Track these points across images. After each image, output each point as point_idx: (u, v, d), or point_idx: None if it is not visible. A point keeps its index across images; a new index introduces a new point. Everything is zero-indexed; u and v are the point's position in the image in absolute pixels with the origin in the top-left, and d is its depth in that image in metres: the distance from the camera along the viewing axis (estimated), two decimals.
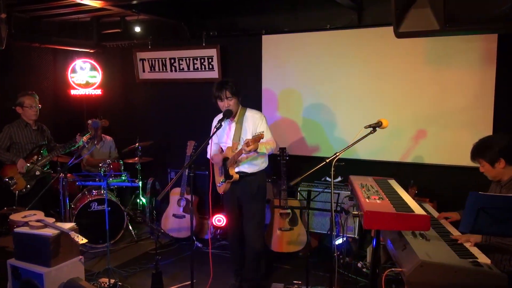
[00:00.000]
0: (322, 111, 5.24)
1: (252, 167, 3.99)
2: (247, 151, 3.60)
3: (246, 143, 3.57)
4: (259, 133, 3.54)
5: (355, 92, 5.05)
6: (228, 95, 3.84)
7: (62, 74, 6.58)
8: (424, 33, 2.89)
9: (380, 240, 2.92)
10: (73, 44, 6.28)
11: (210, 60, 5.78)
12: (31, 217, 3.83)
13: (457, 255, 2.59)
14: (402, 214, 2.58)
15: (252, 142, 3.56)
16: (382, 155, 4.97)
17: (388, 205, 2.74)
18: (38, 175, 4.81)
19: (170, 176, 5.87)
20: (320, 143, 5.31)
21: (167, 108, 6.43)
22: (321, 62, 5.18)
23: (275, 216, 4.87)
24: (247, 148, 3.58)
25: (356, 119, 5.02)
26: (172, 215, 5.45)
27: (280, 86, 5.47)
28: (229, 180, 3.96)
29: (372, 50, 4.91)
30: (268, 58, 5.49)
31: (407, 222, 2.56)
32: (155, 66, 6.27)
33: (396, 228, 2.79)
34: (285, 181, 4.77)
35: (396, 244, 2.84)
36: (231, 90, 3.84)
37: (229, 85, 3.85)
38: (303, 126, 5.39)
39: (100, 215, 5.01)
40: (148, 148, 6.00)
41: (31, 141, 4.85)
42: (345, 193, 4.68)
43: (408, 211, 2.64)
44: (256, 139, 3.55)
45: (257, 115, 3.99)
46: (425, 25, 2.75)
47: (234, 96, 3.87)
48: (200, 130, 4.81)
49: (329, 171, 2.99)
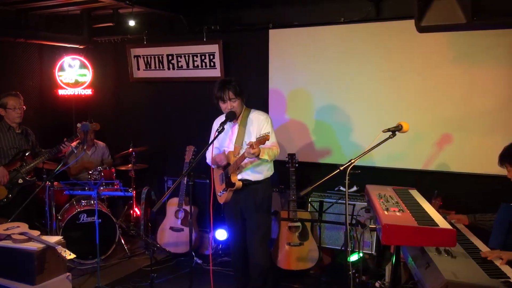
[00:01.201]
0: (335, 113, 5.23)
1: (257, 174, 3.99)
2: (251, 154, 3.59)
3: (250, 146, 3.56)
4: (265, 134, 3.52)
5: (372, 93, 5.04)
6: (231, 96, 3.84)
7: (49, 72, 6.61)
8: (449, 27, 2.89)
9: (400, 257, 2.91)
10: (61, 39, 6.31)
11: (212, 57, 5.80)
12: (14, 230, 3.84)
13: (487, 274, 2.56)
14: (425, 228, 2.56)
15: (256, 144, 3.54)
16: (403, 162, 4.95)
17: (409, 218, 2.72)
18: (21, 183, 4.82)
19: (167, 185, 5.87)
20: (333, 148, 5.29)
21: (164, 109, 6.44)
22: (335, 59, 5.18)
23: (283, 229, 4.85)
24: (252, 151, 3.56)
25: (373, 122, 5.01)
26: (169, 228, 5.44)
27: (288, 85, 5.47)
28: (231, 189, 3.95)
29: (391, 46, 4.89)
30: (275, 55, 5.49)
31: (431, 237, 2.54)
32: (151, 64, 6.29)
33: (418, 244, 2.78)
34: (294, 190, 4.75)
35: (418, 262, 2.82)
36: (234, 90, 3.84)
37: (232, 85, 3.84)
38: (314, 130, 5.38)
39: (90, 227, 5.00)
40: (143, 154, 6.00)
41: (14, 146, 4.86)
42: (361, 205, 4.66)
43: (431, 224, 2.62)
44: (261, 141, 3.53)
45: (262, 116, 3.99)
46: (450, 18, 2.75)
47: (238, 97, 3.87)
48: (200, 134, 4.81)
49: (343, 179, 2.97)
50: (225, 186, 4.03)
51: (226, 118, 3.82)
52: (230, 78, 3.99)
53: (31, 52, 6.48)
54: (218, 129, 3.72)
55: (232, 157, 3.94)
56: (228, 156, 4.01)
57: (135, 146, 5.82)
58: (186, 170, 5.08)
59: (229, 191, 3.98)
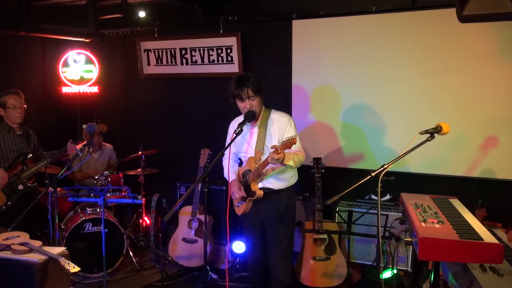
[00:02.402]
0: (366, 113, 5.20)
1: (280, 182, 3.97)
2: (275, 160, 3.57)
3: (275, 150, 3.54)
4: (291, 137, 3.50)
5: (407, 90, 5.00)
6: (250, 94, 3.84)
7: (52, 68, 6.71)
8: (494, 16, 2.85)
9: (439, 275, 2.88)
10: (65, 32, 6.38)
11: (229, 50, 5.82)
12: (13, 240, 3.89)
13: None
14: (468, 242, 2.54)
15: (281, 148, 3.53)
16: (442, 168, 4.91)
17: (449, 230, 2.70)
18: (22, 189, 4.89)
19: (179, 191, 5.90)
20: (363, 152, 5.26)
21: (176, 109, 6.49)
22: (365, 53, 5.15)
23: (307, 242, 4.84)
24: (276, 157, 3.54)
25: (409, 124, 4.97)
26: (181, 239, 5.47)
27: (313, 83, 5.45)
28: (251, 198, 3.94)
29: (429, 38, 4.84)
30: (299, 49, 5.49)
31: (474, 252, 2.52)
32: (163, 58, 6.34)
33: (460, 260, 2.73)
34: (320, 199, 4.74)
35: (459, 280, 2.79)
36: (253, 87, 3.83)
37: (251, 81, 3.84)
38: (342, 132, 5.36)
39: (96, 238, 5.05)
40: (154, 158, 6.05)
41: (14, 149, 4.93)
42: (395, 215, 4.63)
43: (475, 238, 2.60)
44: (287, 145, 3.51)
45: (285, 118, 3.98)
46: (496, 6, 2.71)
47: (258, 95, 3.87)
48: (216, 136, 4.82)
49: (375, 187, 2.96)
50: None
51: (245, 118, 3.81)
52: (248, 74, 3.97)
53: (33, 47, 6.59)
54: (236, 130, 3.70)
55: (252, 163, 3.94)
56: (247, 163, 4.00)
57: (145, 149, 5.86)
58: (200, 175, 5.10)
59: (249, 201, 3.96)
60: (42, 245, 3.84)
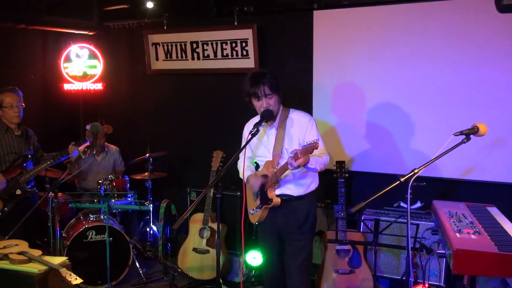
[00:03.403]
0: (394, 112, 5.18)
1: (299, 187, 3.97)
2: (294, 166, 3.56)
3: (294, 156, 3.54)
4: (313, 142, 3.49)
5: (440, 87, 4.96)
6: (267, 92, 3.84)
7: (53, 63, 6.77)
8: None
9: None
10: (67, 24, 6.44)
11: (244, 44, 5.83)
12: (11, 249, 3.93)
13: None
14: (507, 255, 2.53)
15: (302, 154, 3.51)
16: (478, 173, 4.86)
17: (487, 242, 2.69)
18: (20, 194, 4.93)
19: (190, 197, 5.92)
20: (391, 155, 5.24)
21: (187, 108, 6.51)
22: (394, 46, 5.12)
23: (329, 254, 4.83)
24: (295, 163, 3.52)
25: (441, 124, 4.94)
26: (192, 249, 5.49)
27: (336, 79, 5.44)
28: (267, 206, 3.94)
29: (466, 29, 4.80)
30: (321, 42, 5.48)
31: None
32: (172, 53, 6.37)
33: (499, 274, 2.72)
34: (344, 206, 4.74)
35: None
36: (270, 84, 3.83)
37: (267, 78, 3.84)
38: (367, 133, 5.34)
39: (99, 247, 5.10)
40: (162, 161, 6.07)
41: (12, 151, 4.98)
42: (426, 225, 4.61)
43: None
44: (308, 150, 3.49)
45: (305, 118, 3.97)
46: None
47: (275, 93, 3.87)
48: (230, 137, 4.84)
49: (404, 193, 2.95)
50: (259, 203, 4.02)
51: (261, 118, 3.81)
52: (264, 70, 3.98)
53: (33, 40, 6.64)
54: (252, 131, 3.69)
55: (269, 168, 3.93)
56: (264, 167, 4.00)
57: (153, 151, 5.89)
58: (213, 180, 5.11)
59: (264, 208, 3.97)
60: (42, 254, 3.87)
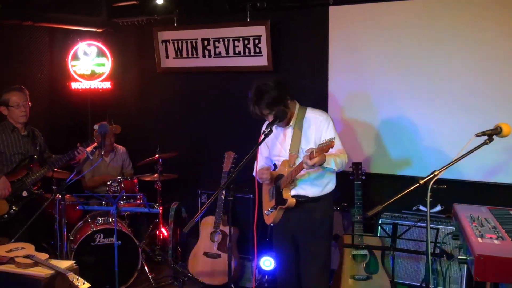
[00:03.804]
0: (413, 111, 5.16)
1: (315, 188, 3.97)
2: (309, 165, 3.56)
3: (309, 155, 3.54)
4: (328, 140, 3.49)
5: (462, 86, 4.93)
6: (266, 112, 3.85)
7: (61, 61, 6.81)
8: None
9: None
10: (75, 21, 6.47)
11: (257, 41, 5.82)
12: (17, 252, 3.96)
13: None
14: None
15: (317, 153, 3.52)
16: (502, 175, 4.84)
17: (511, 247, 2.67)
18: (26, 196, 4.97)
19: (201, 199, 5.93)
20: (410, 156, 5.22)
21: (198, 107, 6.52)
22: (413, 42, 5.09)
23: (345, 258, 4.82)
24: (310, 162, 3.53)
25: (463, 124, 4.92)
26: (202, 253, 5.49)
27: (353, 77, 5.42)
28: (282, 207, 3.94)
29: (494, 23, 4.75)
30: (337, 39, 5.46)
31: None
32: (183, 50, 6.39)
33: None
34: (360, 209, 4.72)
35: None
36: (268, 104, 3.81)
37: (264, 99, 3.80)
38: (385, 133, 5.33)
39: (108, 251, 5.12)
40: (172, 162, 6.08)
41: (18, 151, 5.01)
42: (447, 229, 4.60)
43: None
44: (324, 149, 3.50)
45: (322, 116, 3.98)
46: None
47: (275, 107, 3.83)
48: (242, 138, 4.86)
49: (424, 196, 2.94)
50: (274, 203, 4.03)
51: (274, 118, 3.81)
52: (263, 87, 3.85)
53: (40, 38, 6.69)
54: (265, 131, 3.71)
55: (286, 168, 3.93)
56: (281, 166, 4.01)
57: (163, 151, 5.90)
58: (224, 181, 5.11)
59: (279, 209, 3.98)
60: (49, 258, 3.89)
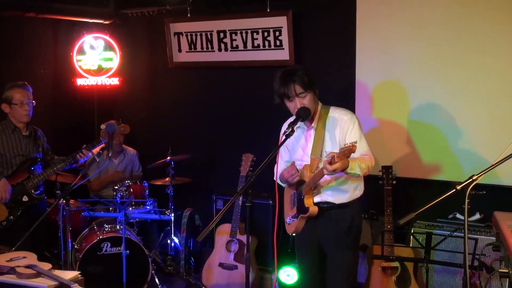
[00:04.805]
0: (448, 110, 5.13)
1: (341, 195, 3.95)
2: (330, 171, 3.55)
3: (330, 160, 3.52)
4: (350, 144, 3.48)
5: (501, 82, 4.90)
6: (298, 91, 3.84)
7: (65, 56, 6.85)
8: None
9: None
10: (80, 13, 6.52)
11: (278, 33, 5.82)
12: (18, 261, 3.98)
13: None
14: None
15: (339, 158, 3.50)
16: None
17: None
18: (27, 201, 5.01)
19: (216, 206, 5.94)
20: (445, 159, 5.19)
21: (213, 105, 6.54)
22: (449, 35, 5.06)
23: (374, 271, 4.81)
24: (331, 168, 3.51)
25: (503, 125, 4.90)
26: (218, 264, 5.50)
27: (383, 73, 5.40)
28: (304, 215, 3.93)
29: None
30: (365, 30, 5.44)
31: None
32: (197, 43, 6.40)
33: None
34: (391, 217, 4.71)
35: None
36: (302, 82, 3.82)
37: (298, 75, 3.83)
38: (418, 134, 5.30)
39: (115, 261, 5.13)
40: (185, 165, 6.10)
41: (19, 153, 5.04)
42: (486, 239, 4.56)
43: None
44: (346, 153, 3.49)
45: (347, 116, 3.96)
46: None
47: (309, 90, 3.85)
48: (261, 139, 4.86)
49: (461, 204, 2.91)
50: (296, 211, 4.02)
51: (297, 117, 3.80)
52: (295, 66, 3.98)
53: (43, 30, 6.75)
54: (286, 131, 3.69)
55: (308, 173, 3.92)
56: (302, 171, 3.99)
57: (175, 153, 5.92)
58: (242, 186, 5.11)
59: (301, 218, 3.96)
60: (52, 268, 3.92)
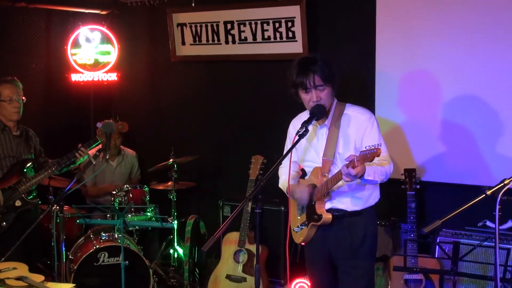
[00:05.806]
0: (477, 108, 5.12)
1: (355, 201, 3.94)
2: (351, 176, 3.51)
3: (350, 163, 3.49)
4: (374, 147, 3.43)
5: None
6: (318, 83, 3.81)
7: (59, 49, 6.88)
8: None
9: None
10: (75, 2, 6.54)
11: (290, 24, 5.82)
12: (8, 273, 4.00)
13: None
14: None
15: (360, 162, 3.47)
16: None
17: None
18: (19, 206, 5.01)
19: (222, 212, 5.94)
20: (474, 162, 5.17)
21: (219, 102, 6.54)
22: (480, 24, 5.04)
23: (395, 284, 4.81)
24: (354, 172, 3.49)
25: None
26: (225, 276, 5.50)
27: (405, 66, 5.40)
28: (315, 223, 3.91)
29: None
30: (385, 20, 5.43)
31: None
32: (202, 35, 6.41)
33: None
34: (414, 225, 4.71)
35: None
36: (323, 73, 3.80)
37: (319, 65, 3.81)
38: (443, 134, 5.29)
39: (113, 272, 5.15)
40: (189, 168, 6.11)
41: (10, 154, 5.06)
42: None
43: None
44: (368, 158, 3.43)
45: (364, 115, 3.93)
46: None
47: (328, 84, 3.83)
48: (272, 139, 4.85)
49: (491, 210, 2.90)
50: (305, 219, 4.01)
51: (311, 115, 3.78)
52: (315, 55, 3.93)
53: (35, 22, 6.76)
54: (300, 131, 3.66)
55: (319, 176, 3.91)
56: (312, 175, 3.99)
57: (178, 155, 5.93)
58: (251, 191, 5.11)
59: (311, 226, 3.94)
60: (45, 280, 3.93)
